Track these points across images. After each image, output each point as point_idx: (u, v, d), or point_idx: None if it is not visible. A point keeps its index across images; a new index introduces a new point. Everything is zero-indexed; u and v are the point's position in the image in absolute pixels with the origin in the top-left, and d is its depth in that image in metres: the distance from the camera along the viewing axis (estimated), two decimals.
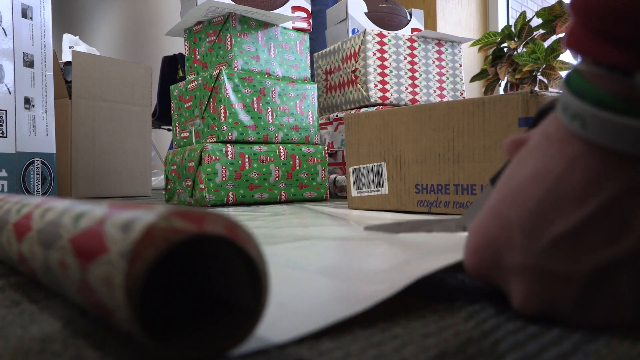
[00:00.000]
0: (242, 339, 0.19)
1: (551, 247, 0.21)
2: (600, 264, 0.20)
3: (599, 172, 0.20)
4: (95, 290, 0.19)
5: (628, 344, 0.20)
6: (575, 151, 0.21)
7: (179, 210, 0.18)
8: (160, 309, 0.23)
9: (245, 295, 0.20)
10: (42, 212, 0.27)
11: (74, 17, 4.65)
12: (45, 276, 0.25)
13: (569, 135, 0.21)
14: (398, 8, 1.67)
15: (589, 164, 0.20)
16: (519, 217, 0.22)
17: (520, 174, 0.23)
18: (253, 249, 0.19)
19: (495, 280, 0.24)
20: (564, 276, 0.21)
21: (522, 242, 0.22)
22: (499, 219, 0.23)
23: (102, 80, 1.83)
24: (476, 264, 0.24)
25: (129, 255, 0.17)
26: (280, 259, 0.37)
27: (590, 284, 0.21)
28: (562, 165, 0.21)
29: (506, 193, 0.23)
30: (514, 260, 0.22)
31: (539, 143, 0.23)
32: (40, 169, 1.27)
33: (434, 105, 0.80)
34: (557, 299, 0.22)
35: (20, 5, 1.22)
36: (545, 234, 0.21)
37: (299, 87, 1.35)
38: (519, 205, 0.22)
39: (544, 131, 0.23)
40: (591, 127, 0.20)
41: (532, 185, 0.22)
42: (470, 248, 0.25)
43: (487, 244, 0.24)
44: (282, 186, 1.27)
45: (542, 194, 0.21)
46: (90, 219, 0.21)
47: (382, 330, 0.22)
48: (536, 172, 0.22)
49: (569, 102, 0.21)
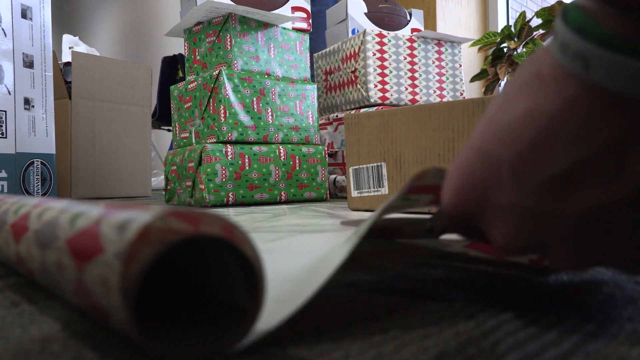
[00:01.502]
0: (239, 339, 0.19)
1: (542, 187, 0.21)
2: (592, 206, 0.20)
3: (596, 115, 0.19)
4: (91, 291, 0.19)
5: (628, 344, 0.20)
6: (571, 92, 0.20)
7: (175, 211, 0.18)
8: (158, 308, 0.23)
9: (241, 295, 0.20)
10: (40, 213, 0.27)
11: (74, 18, 4.65)
12: (42, 277, 0.25)
13: (566, 74, 0.20)
14: (398, 8, 1.67)
15: (587, 106, 0.20)
16: (508, 156, 0.21)
17: (510, 113, 0.22)
18: (249, 249, 0.19)
19: (476, 220, 0.24)
20: (553, 215, 0.21)
21: (511, 181, 0.21)
22: (485, 158, 0.23)
23: (102, 80, 1.83)
24: (459, 204, 0.24)
25: (125, 256, 0.17)
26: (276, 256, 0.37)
27: (579, 224, 0.20)
28: (557, 106, 0.20)
29: (493, 132, 0.22)
30: (501, 199, 0.22)
31: (530, 82, 0.22)
32: (40, 170, 1.27)
33: (434, 106, 0.80)
34: (544, 238, 0.21)
35: (19, 5, 1.22)
36: (536, 174, 0.21)
37: (299, 88, 1.35)
38: (508, 145, 0.22)
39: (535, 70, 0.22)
40: (596, 68, 0.19)
41: (523, 125, 0.21)
42: (452, 187, 0.24)
43: (472, 183, 0.23)
44: (282, 186, 1.27)
45: (534, 134, 0.21)
46: (87, 220, 0.21)
47: (382, 331, 0.22)
48: (528, 112, 0.21)
49: (569, 41, 0.20)
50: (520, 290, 0.28)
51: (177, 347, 0.18)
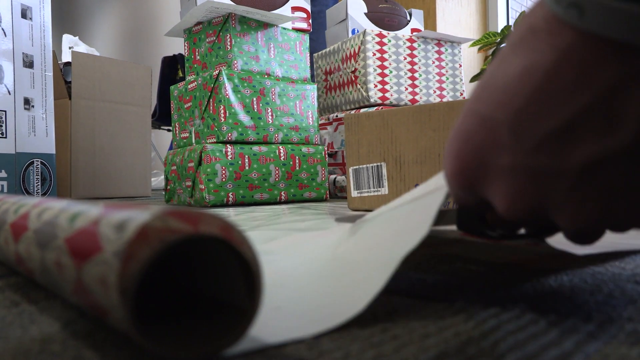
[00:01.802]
0: (237, 339, 0.19)
1: (541, 145, 0.20)
2: (591, 158, 0.20)
3: (592, 63, 0.19)
4: (90, 290, 0.19)
5: (628, 344, 0.20)
6: (566, 42, 0.19)
7: (174, 210, 0.18)
8: (156, 307, 0.23)
9: (239, 296, 0.20)
10: (39, 212, 0.27)
11: (74, 18, 4.65)
12: (42, 276, 0.25)
13: (559, 25, 0.20)
14: (398, 8, 1.67)
15: (582, 55, 0.19)
16: (505, 117, 0.21)
17: (504, 73, 0.22)
18: (247, 250, 0.19)
19: (478, 187, 0.24)
20: (554, 172, 0.20)
21: (510, 142, 0.21)
22: (482, 121, 0.22)
23: (101, 80, 1.83)
24: (459, 170, 0.24)
25: (123, 255, 0.17)
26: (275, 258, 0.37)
27: (581, 179, 0.20)
28: (551, 59, 0.20)
29: (489, 95, 0.22)
30: (501, 161, 0.22)
31: (523, 38, 0.21)
32: (40, 170, 1.27)
33: (434, 106, 0.81)
34: (547, 197, 0.21)
35: (19, 5, 1.22)
36: (535, 132, 0.20)
37: (299, 88, 1.35)
38: (505, 105, 0.21)
39: (528, 25, 0.21)
40: (591, 15, 0.19)
41: (518, 83, 0.21)
42: (452, 154, 0.24)
43: (471, 148, 0.23)
44: (282, 186, 1.27)
45: (530, 91, 0.20)
46: (86, 219, 0.21)
47: (382, 331, 0.22)
48: (523, 69, 0.21)
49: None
50: (520, 290, 0.28)
51: (176, 347, 0.18)
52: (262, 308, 0.25)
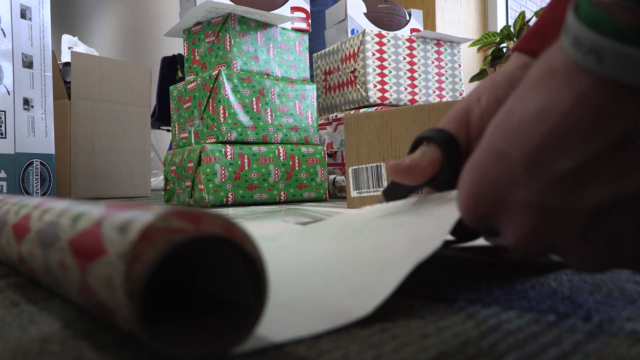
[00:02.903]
0: (244, 337, 0.19)
1: (556, 183, 0.21)
2: (604, 201, 0.20)
3: (610, 108, 0.19)
4: (96, 291, 0.19)
5: (627, 344, 0.20)
6: (584, 86, 0.20)
7: (176, 210, 0.18)
8: (160, 306, 0.23)
9: (245, 294, 0.20)
10: (41, 214, 0.27)
11: (73, 18, 4.65)
12: (45, 277, 0.25)
13: (578, 69, 0.20)
14: (397, 8, 1.67)
15: (600, 100, 0.19)
16: (521, 154, 0.21)
17: (522, 111, 0.22)
18: (251, 248, 0.19)
19: (492, 220, 0.24)
20: (566, 212, 0.21)
21: (525, 178, 0.22)
22: (498, 157, 0.23)
23: (101, 80, 1.83)
24: (473, 204, 0.24)
25: (127, 257, 0.17)
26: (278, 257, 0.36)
27: (593, 220, 0.20)
28: (570, 101, 0.20)
29: (505, 130, 0.22)
30: (515, 196, 0.22)
31: (543, 78, 0.22)
32: (40, 170, 1.27)
33: (433, 106, 0.81)
34: (557, 235, 0.21)
35: (19, 6, 1.22)
36: (550, 170, 0.21)
37: (298, 88, 1.35)
38: (521, 143, 0.22)
39: (547, 66, 0.22)
40: (609, 62, 0.19)
41: (536, 122, 0.21)
42: (467, 187, 0.24)
43: (485, 182, 0.23)
44: (282, 187, 1.27)
45: (547, 130, 0.21)
46: (88, 220, 0.21)
47: (382, 331, 0.22)
48: (541, 109, 0.21)
49: (582, 36, 0.20)
50: (520, 290, 0.28)
51: (184, 346, 0.18)
52: (268, 306, 0.25)
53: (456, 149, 0.33)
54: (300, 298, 0.26)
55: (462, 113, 0.35)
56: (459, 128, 0.35)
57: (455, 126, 0.35)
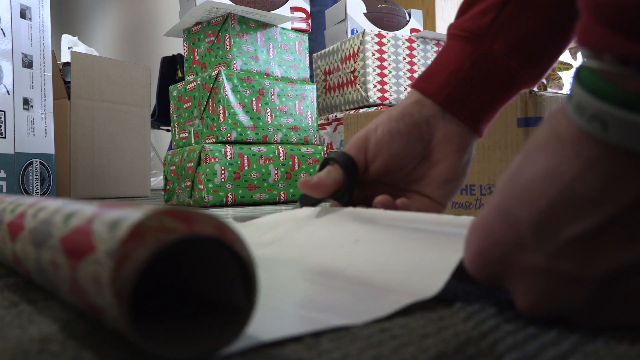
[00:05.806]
0: (234, 338, 0.19)
1: (564, 249, 0.21)
2: (614, 268, 0.20)
3: (618, 175, 0.20)
4: (85, 290, 0.19)
5: (627, 344, 0.20)
6: (591, 153, 0.20)
7: (168, 209, 0.18)
8: (149, 305, 0.23)
9: (235, 295, 0.20)
10: (35, 212, 0.27)
11: (73, 18, 4.65)
12: (38, 276, 0.25)
13: (583, 135, 0.20)
14: (397, 8, 1.67)
15: (608, 166, 0.20)
16: (529, 216, 0.21)
17: (529, 172, 0.22)
18: (241, 249, 0.19)
19: (499, 281, 0.24)
20: (576, 278, 0.21)
21: (533, 242, 0.21)
22: (505, 218, 0.22)
23: (101, 80, 1.83)
24: (481, 265, 0.24)
25: (116, 254, 0.17)
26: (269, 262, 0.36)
27: (603, 287, 0.20)
28: (577, 167, 0.20)
29: (513, 191, 0.22)
30: (523, 260, 0.22)
31: (548, 141, 0.22)
32: (39, 170, 1.27)
33: None
34: (567, 302, 0.21)
35: (19, 5, 1.22)
36: (559, 235, 0.21)
37: (298, 88, 1.35)
38: (529, 205, 0.21)
39: (552, 129, 0.22)
40: (614, 129, 0.19)
41: (544, 185, 0.21)
42: (474, 248, 0.24)
43: (493, 243, 0.23)
44: (281, 187, 1.27)
45: (555, 194, 0.21)
46: (80, 218, 0.21)
47: (381, 331, 0.22)
48: (548, 172, 0.21)
49: (586, 103, 0.20)
50: None
51: (173, 346, 0.18)
52: (258, 308, 0.25)
53: (355, 170, 0.41)
54: (292, 301, 0.26)
55: (362, 140, 0.42)
56: (359, 152, 0.42)
57: (355, 151, 0.42)
